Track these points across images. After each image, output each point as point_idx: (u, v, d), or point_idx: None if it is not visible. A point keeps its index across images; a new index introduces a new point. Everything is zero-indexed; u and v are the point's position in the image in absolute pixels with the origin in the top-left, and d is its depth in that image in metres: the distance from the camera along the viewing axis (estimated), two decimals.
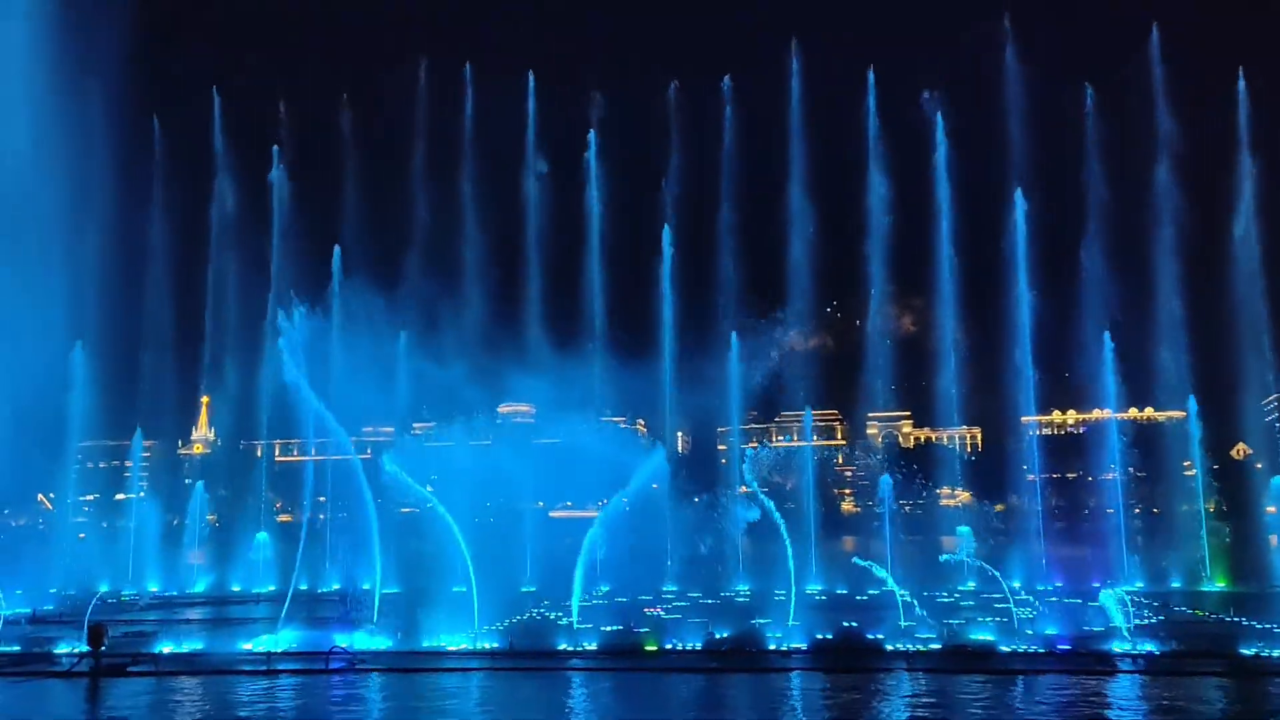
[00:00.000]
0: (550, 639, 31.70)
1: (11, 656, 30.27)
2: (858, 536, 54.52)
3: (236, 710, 24.32)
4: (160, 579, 51.54)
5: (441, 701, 25.01)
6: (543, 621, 36.21)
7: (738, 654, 29.66)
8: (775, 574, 35.66)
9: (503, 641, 31.39)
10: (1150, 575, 47.84)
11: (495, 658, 29.97)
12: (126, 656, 29.32)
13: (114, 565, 53.48)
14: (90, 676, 27.43)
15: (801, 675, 27.56)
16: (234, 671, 28.54)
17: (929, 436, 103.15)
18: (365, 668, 28.56)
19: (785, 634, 31.29)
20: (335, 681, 27.13)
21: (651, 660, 29.47)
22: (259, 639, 31.94)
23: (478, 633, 31.88)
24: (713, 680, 27.09)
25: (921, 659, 28.73)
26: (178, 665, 29.35)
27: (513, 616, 36.10)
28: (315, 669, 28.33)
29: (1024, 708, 23.70)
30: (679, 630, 32.08)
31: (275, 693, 26.16)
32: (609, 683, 27.07)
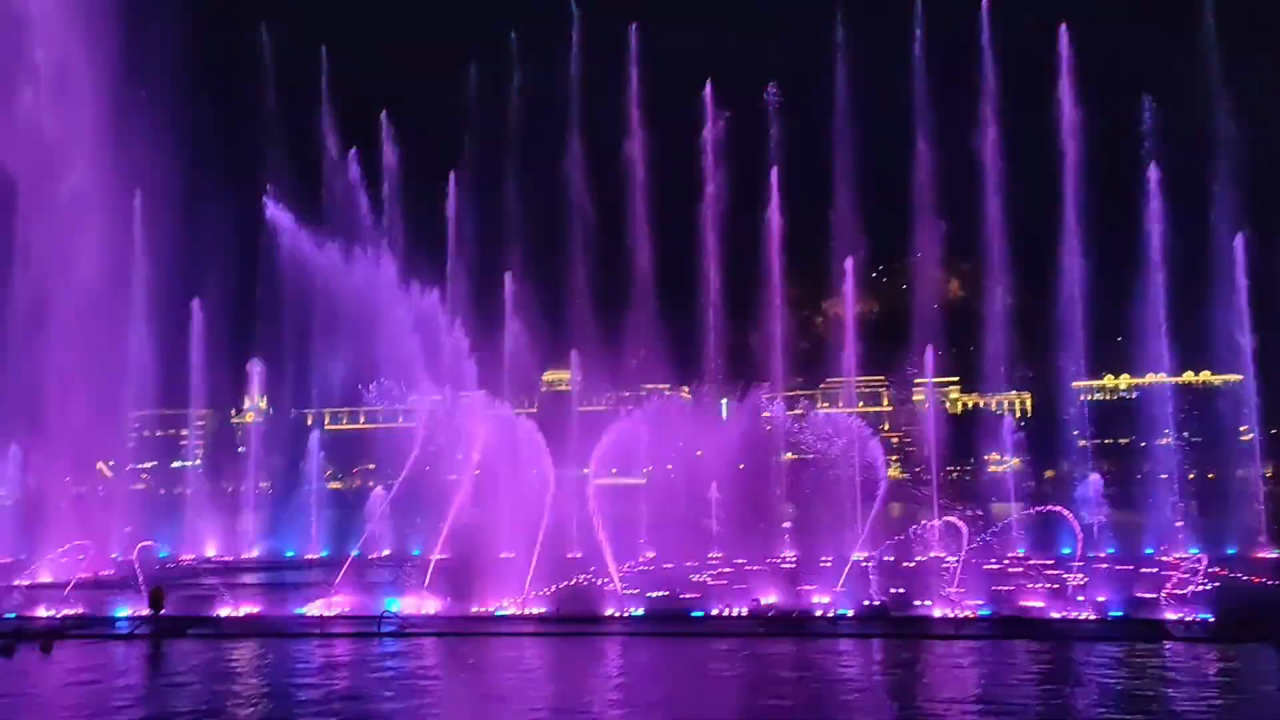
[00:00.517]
0: (597, 604, 32.00)
1: (76, 619, 31.23)
2: (904, 503, 54.11)
3: (293, 671, 24.95)
4: (217, 544, 52.75)
5: (491, 663, 25.42)
6: (589, 587, 36.55)
7: (784, 620, 29.73)
8: (821, 540, 35.62)
9: (550, 607, 31.76)
10: (1205, 541, 47.01)
11: (543, 622, 30.35)
12: (186, 619, 30.11)
13: (172, 531, 54.83)
14: (151, 639, 28.22)
15: (848, 641, 27.59)
16: (289, 634, 29.23)
17: (977, 402, 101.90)
18: (416, 631, 29.07)
19: (832, 600, 31.30)
20: (387, 644, 27.65)
21: (697, 626, 29.66)
22: (312, 603, 32.62)
23: (525, 598, 32.27)
24: (759, 646, 27.19)
25: (970, 625, 28.60)
26: (235, 628, 30.12)
27: (559, 582, 36.46)
28: (367, 632, 28.89)
29: (1076, 674, 23.52)
30: (725, 596, 32.21)
31: (329, 654, 26.75)
32: (656, 647, 27.31)
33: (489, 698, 22.11)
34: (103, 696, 22.62)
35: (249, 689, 23.76)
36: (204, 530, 53.18)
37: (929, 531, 41.31)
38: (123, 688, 23.91)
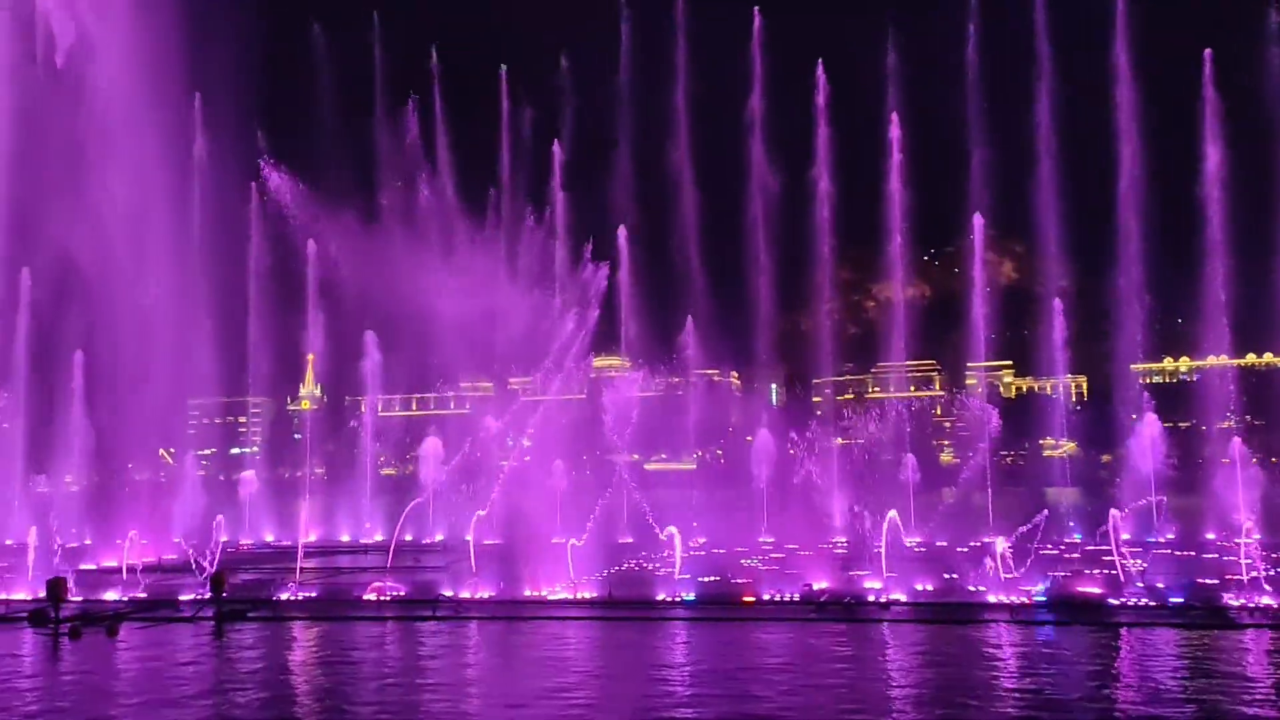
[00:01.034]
0: (648, 589, 32.13)
1: (141, 603, 32.06)
2: (957, 488, 53.53)
3: (351, 653, 25.41)
4: (275, 529, 53.77)
5: (545, 646, 25.66)
6: (641, 572, 36.70)
7: (836, 605, 29.62)
8: (872, 525, 35.36)
9: (601, 591, 31.96)
10: (1268, 526, 45.95)
11: (594, 607, 30.54)
12: (246, 603, 30.77)
13: (231, 516, 56.00)
14: (213, 621, 28.87)
15: (901, 627, 27.41)
16: (345, 617, 29.75)
17: (1031, 386, 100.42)
18: (469, 615, 29.42)
19: (884, 585, 31.11)
20: (441, 628, 28.02)
21: (749, 610, 29.66)
22: (368, 586, 33.16)
23: (576, 582, 32.51)
24: (811, 631, 27.12)
25: (1026, 611, 28.27)
26: (293, 611, 30.71)
27: (610, 567, 36.65)
28: (422, 615, 29.30)
29: (1135, 662, 23.17)
30: (776, 581, 32.16)
31: (385, 637, 27.21)
32: (708, 632, 27.36)
33: (542, 679, 22.32)
34: (165, 678, 23.24)
35: (310, 670, 24.25)
36: (262, 515, 54.23)
37: (983, 516, 40.92)
38: (185, 667, 24.51)
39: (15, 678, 23.78)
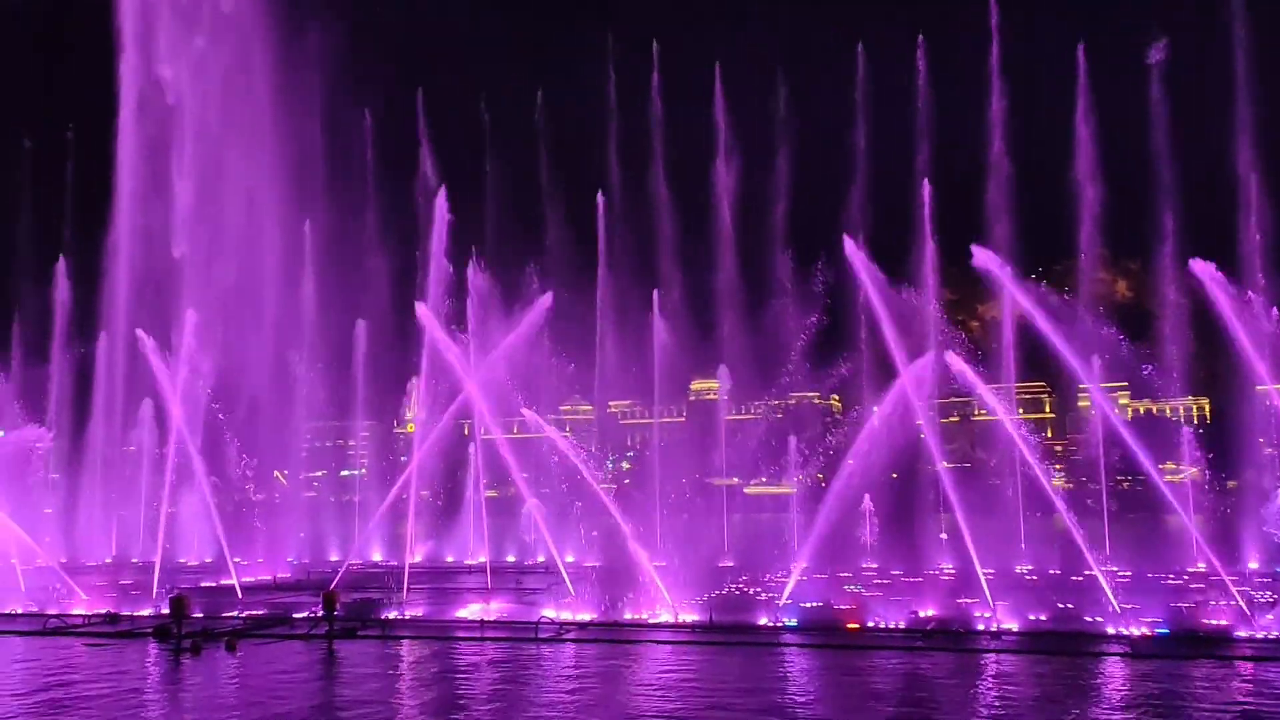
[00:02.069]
0: (750, 614, 31.83)
1: (257, 620, 33.19)
2: (1071, 514, 51.64)
3: (456, 673, 25.82)
4: (382, 549, 55.09)
5: (648, 671, 25.61)
6: (741, 596, 36.39)
7: (944, 634, 28.84)
8: (981, 552, 34.37)
9: (702, 615, 31.78)
10: None
11: (695, 631, 30.38)
12: (356, 621, 31.55)
13: (341, 536, 57.65)
14: (325, 639, 29.69)
15: (1013, 657, 26.53)
16: (450, 637, 30.26)
17: (1149, 408, 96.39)
18: (571, 638, 29.58)
19: (994, 614, 30.17)
20: (544, 650, 28.23)
21: (854, 638, 29.10)
22: (472, 607, 33.69)
23: (677, 606, 32.40)
24: (919, 660, 26.47)
25: (1145, 644, 27.05)
26: (400, 630, 31.37)
27: (711, 591, 36.44)
28: (524, 637, 29.58)
29: (1265, 701, 21.91)
30: (880, 607, 31.51)
31: (489, 658, 27.53)
32: (816, 659, 26.93)
33: (651, 704, 22.27)
34: (281, 693, 23.97)
35: (418, 688, 24.72)
36: (370, 536, 55.57)
37: (1098, 543, 39.37)
38: (299, 683, 25.24)
39: (141, 690, 24.88)
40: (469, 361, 42.55)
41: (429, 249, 45.57)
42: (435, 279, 44.20)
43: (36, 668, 27.57)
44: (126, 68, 58.06)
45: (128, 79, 58.02)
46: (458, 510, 57.95)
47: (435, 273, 44.12)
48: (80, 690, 24.48)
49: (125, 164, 58.57)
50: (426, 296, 43.78)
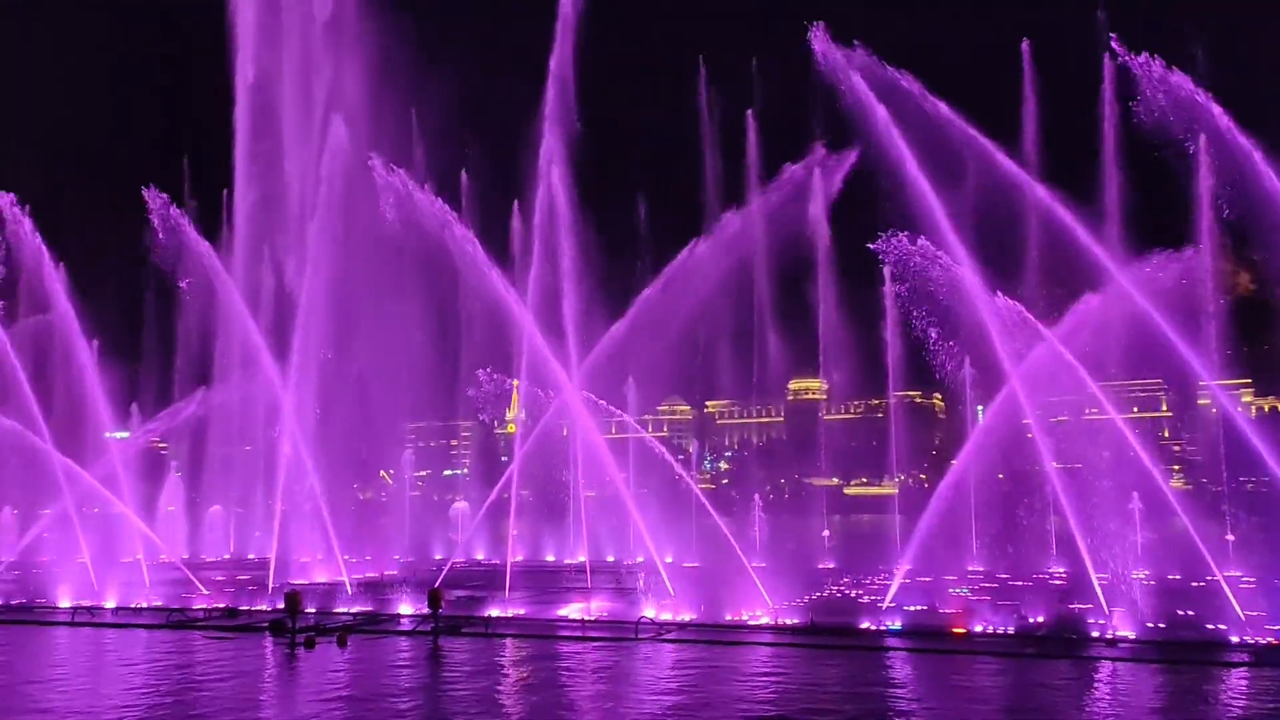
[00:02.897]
0: (852, 617, 31.39)
1: (366, 616, 34.14)
2: (1189, 517, 49.45)
3: (560, 671, 26.12)
4: (485, 548, 56.09)
5: (749, 674, 25.50)
6: (843, 599, 35.93)
7: (1055, 640, 27.97)
8: (1095, 555, 33.20)
9: (802, 617, 31.48)
10: None
11: (795, 633, 30.10)
12: (460, 618, 32.20)
13: (445, 536, 58.88)
14: (431, 636, 30.38)
15: (1130, 666, 25.55)
16: (552, 636, 30.62)
17: (1275, 405, 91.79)
18: (671, 638, 29.61)
19: (1109, 620, 29.12)
20: (645, 649, 28.33)
21: (961, 643, 28.45)
22: (572, 605, 34.04)
23: (776, 608, 32.18)
24: (1030, 667, 25.72)
25: (1271, 653, 25.76)
26: (503, 628, 31.88)
27: (812, 593, 36.09)
28: (624, 637, 29.74)
29: None
30: (988, 612, 30.72)
31: (590, 656, 27.77)
32: (922, 664, 26.43)
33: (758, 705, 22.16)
34: (390, 686, 24.67)
35: (522, 685, 25.10)
36: (473, 535, 56.62)
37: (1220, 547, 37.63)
38: (407, 677, 25.93)
39: (259, 682, 25.90)
40: (569, 363, 42.91)
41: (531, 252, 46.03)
42: (535, 280, 44.69)
43: (162, 659, 28.91)
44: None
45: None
46: (558, 510, 58.59)
47: (536, 275, 44.62)
48: (203, 681, 25.58)
49: (241, 173, 60.93)
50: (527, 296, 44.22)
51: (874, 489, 76.84)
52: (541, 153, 46.36)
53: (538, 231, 45.56)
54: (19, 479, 56.48)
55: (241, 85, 61.12)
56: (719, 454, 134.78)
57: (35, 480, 51.62)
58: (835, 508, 65.88)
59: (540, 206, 45.54)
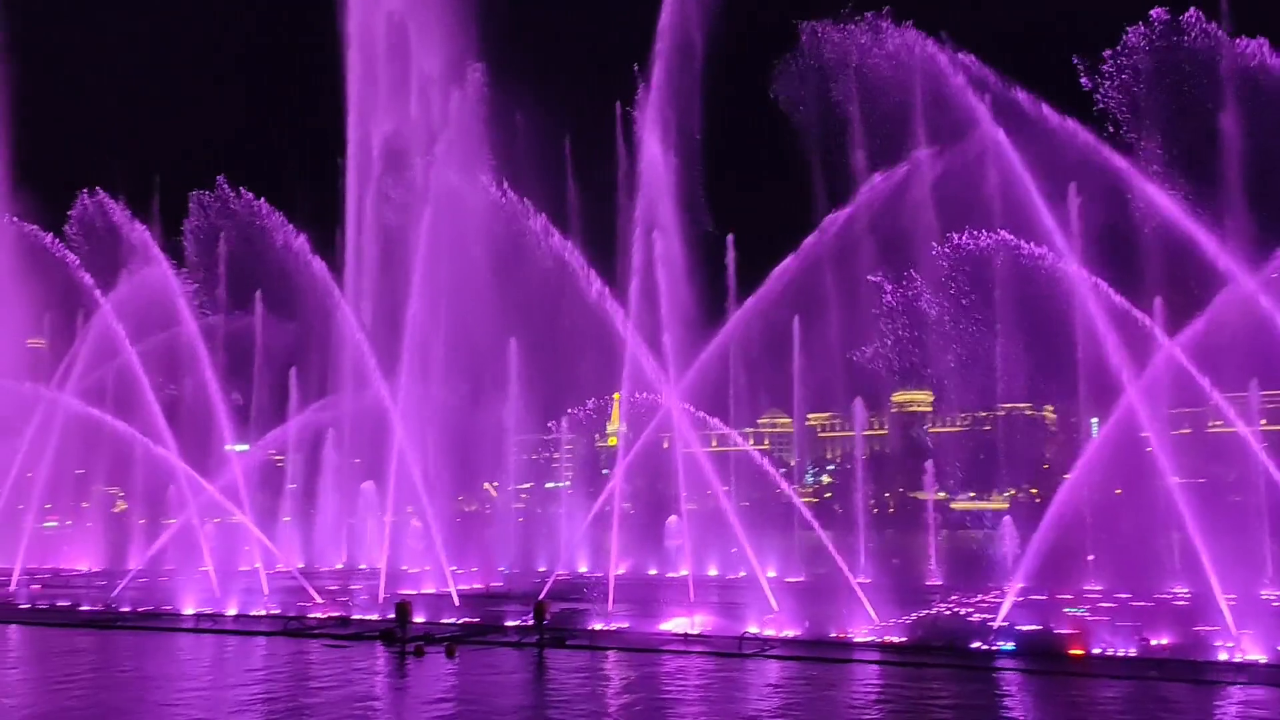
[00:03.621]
0: (961, 635, 30.59)
1: (473, 627, 34.73)
2: None
3: (667, 685, 26.12)
4: (588, 561, 56.50)
5: (855, 692, 25.08)
6: (951, 617, 35.06)
7: (1179, 663, 26.73)
8: (1221, 575, 31.65)
9: (910, 635, 30.82)
10: None
11: (902, 651, 29.46)
12: (564, 631, 32.49)
13: (548, 547, 59.51)
14: (536, 647, 30.73)
15: (1261, 691, 24.25)
16: (655, 649, 30.60)
17: None
18: (775, 654, 29.32)
19: (1237, 643, 27.70)
20: (748, 665, 28.11)
21: (1078, 665, 27.44)
22: (676, 620, 33.99)
23: (882, 625, 31.58)
24: (1153, 691, 24.64)
25: None
26: (607, 641, 32.04)
27: (919, 610, 35.32)
28: (728, 652, 29.56)
29: None
30: (1106, 633, 29.55)
31: (695, 671, 27.67)
32: (1036, 687, 25.55)
33: None
34: (500, 696, 25.05)
35: (629, 699, 25.18)
36: (576, 547, 57.10)
37: None
38: (516, 688, 26.28)
39: (372, 689, 26.61)
40: (668, 375, 42.99)
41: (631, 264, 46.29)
42: (636, 291, 44.93)
43: (279, 666, 29.96)
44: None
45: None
46: (659, 523, 58.66)
47: (636, 286, 44.85)
48: (319, 688, 26.39)
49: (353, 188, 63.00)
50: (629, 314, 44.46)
51: (983, 503, 74.71)
52: (641, 178, 46.68)
53: (638, 243, 45.88)
54: (146, 490, 59.34)
55: (353, 108, 63.33)
56: (821, 467, 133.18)
57: (161, 491, 54.17)
58: (942, 522, 64.30)
59: (641, 220, 45.87)
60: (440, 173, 50.84)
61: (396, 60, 64.56)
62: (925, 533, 56.31)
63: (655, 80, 48.31)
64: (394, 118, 64.48)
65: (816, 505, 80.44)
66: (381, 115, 64.68)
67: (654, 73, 48.48)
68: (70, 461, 62.06)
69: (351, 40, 64.46)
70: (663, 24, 48.78)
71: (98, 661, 31.23)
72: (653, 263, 45.23)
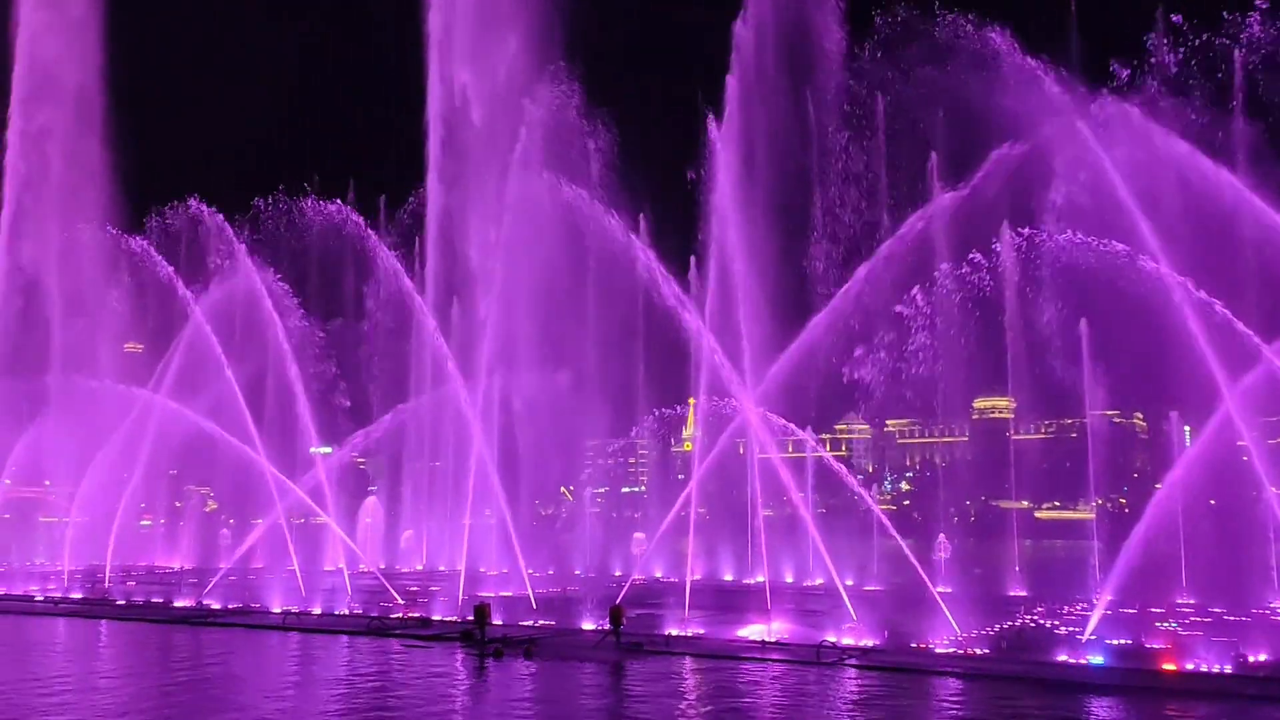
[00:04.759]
0: (1047, 649, 29.79)
1: (550, 629, 34.99)
2: None
3: (742, 694, 25.97)
4: (663, 566, 56.50)
5: (937, 706, 24.63)
6: (1037, 629, 34.17)
7: (1278, 682, 25.65)
8: None
9: (993, 647, 30.13)
10: None
11: (985, 664, 28.81)
12: (641, 636, 32.51)
13: (624, 552, 59.69)
14: (613, 651, 30.80)
15: None
16: (732, 656, 30.44)
17: None
18: (854, 664, 28.93)
19: None
20: (827, 675, 27.78)
21: (1171, 681, 26.51)
22: (752, 627, 33.78)
23: (964, 636, 30.93)
24: (1251, 711, 23.72)
25: None
26: (683, 646, 31.96)
27: (1002, 622, 34.50)
28: (806, 660, 29.26)
29: None
30: (1199, 649, 28.50)
31: (772, 679, 27.44)
32: (1127, 704, 24.77)
33: None
34: (579, 699, 25.18)
35: (706, 706, 25.11)
36: (651, 553, 57.14)
37: None
38: (595, 692, 26.39)
39: (453, 689, 27.00)
40: (745, 380, 42.75)
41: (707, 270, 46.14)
42: (713, 295, 44.80)
43: (361, 664, 30.59)
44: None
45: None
46: (735, 528, 58.42)
47: (713, 290, 44.71)
48: (400, 687, 26.89)
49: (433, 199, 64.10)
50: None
51: (1068, 513, 72.79)
52: (714, 208, 46.48)
53: (714, 250, 45.76)
54: (236, 491, 61.08)
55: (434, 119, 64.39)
56: (899, 474, 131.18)
57: (250, 492, 55.66)
58: (1025, 532, 62.81)
59: (716, 227, 45.73)
60: (519, 177, 51.40)
61: (479, 59, 65.34)
62: (1008, 542, 55.15)
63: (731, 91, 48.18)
64: (474, 117, 65.29)
65: (895, 513, 79.33)
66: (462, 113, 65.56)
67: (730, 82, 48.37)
68: (164, 462, 64.29)
69: (432, 39, 65.32)
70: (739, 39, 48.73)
71: (187, 657, 32.31)
72: (730, 269, 45.04)
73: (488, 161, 61.32)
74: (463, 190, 64.33)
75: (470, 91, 65.59)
